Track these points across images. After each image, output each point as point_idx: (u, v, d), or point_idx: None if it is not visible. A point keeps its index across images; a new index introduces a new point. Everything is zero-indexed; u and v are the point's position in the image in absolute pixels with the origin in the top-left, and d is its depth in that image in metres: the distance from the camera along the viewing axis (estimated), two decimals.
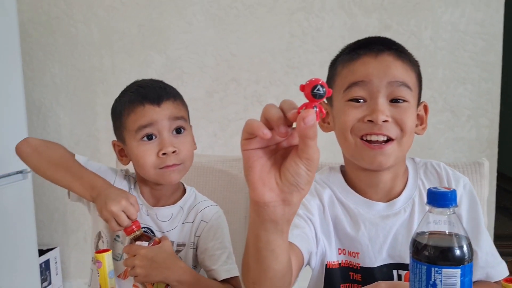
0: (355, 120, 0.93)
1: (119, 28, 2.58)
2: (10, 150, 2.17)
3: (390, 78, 0.91)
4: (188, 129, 1.13)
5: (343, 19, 2.39)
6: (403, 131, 0.92)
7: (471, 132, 2.39)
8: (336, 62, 1.01)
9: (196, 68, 2.52)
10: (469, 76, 2.36)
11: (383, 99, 0.91)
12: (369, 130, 0.91)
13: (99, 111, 2.65)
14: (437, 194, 0.64)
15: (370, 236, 0.97)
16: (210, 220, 1.15)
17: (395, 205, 0.99)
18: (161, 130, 1.07)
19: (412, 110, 0.95)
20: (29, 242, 2.28)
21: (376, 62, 0.93)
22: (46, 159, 1.14)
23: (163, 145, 1.06)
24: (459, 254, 0.62)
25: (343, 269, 0.99)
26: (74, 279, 2.82)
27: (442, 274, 0.62)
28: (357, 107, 0.92)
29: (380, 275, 0.96)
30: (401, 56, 0.95)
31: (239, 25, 2.48)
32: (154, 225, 1.13)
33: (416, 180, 1.02)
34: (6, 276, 2.17)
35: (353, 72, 0.94)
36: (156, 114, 1.07)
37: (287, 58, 2.46)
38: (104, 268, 0.93)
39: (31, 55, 2.68)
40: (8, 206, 2.18)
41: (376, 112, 0.89)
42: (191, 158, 1.13)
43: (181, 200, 1.17)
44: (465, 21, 2.32)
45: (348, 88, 0.94)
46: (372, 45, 0.96)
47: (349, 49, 0.99)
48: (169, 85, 1.15)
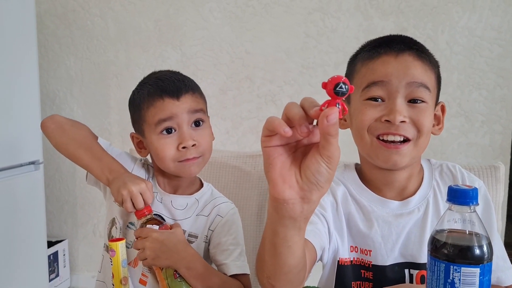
0: (372, 120, 0.92)
1: (135, 23, 2.59)
2: (24, 140, 2.20)
3: (409, 79, 0.91)
4: (207, 121, 1.14)
5: (359, 21, 2.38)
6: (419, 132, 0.92)
7: (485, 138, 2.37)
8: (356, 59, 1.01)
9: (211, 65, 2.53)
10: (484, 82, 2.34)
11: (401, 99, 0.91)
12: (386, 130, 0.91)
13: (113, 105, 2.67)
14: (458, 191, 0.63)
15: (383, 234, 0.97)
16: (226, 215, 1.15)
17: (409, 204, 0.98)
18: (180, 124, 1.07)
19: (430, 111, 0.94)
20: (39, 233, 2.30)
21: (396, 62, 0.92)
22: (70, 137, 1.15)
23: (182, 138, 1.06)
24: (479, 253, 0.62)
25: (354, 266, 0.98)
26: (82, 272, 2.83)
27: (461, 272, 0.62)
28: (375, 107, 0.92)
29: (391, 274, 0.96)
30: (422, 57, 0.94)
31: (255, 23, 2.48)
32: (167, 213, 1.13)
33: (431, 180, 1.01)
34: (15, 266, 2.18)
35: (372, 71, 0.94)
36: (175, 108, 1.07)
37: (302, 58, 2.45)
38: (117, 257, 0.93)
39: (47, 47, 2.70)
40: (19, 196, 2.20)
41: (393, 113, 0.89)
42: (210, 149, 1.13)
43: (197, 192, 1.17)
44: (482, 26, 2.31)
45: (366, 87, 0.93)
46: (392, 44, 0.95)
47: (370, 47, 0.98)
48: (187, 77, 1.15)
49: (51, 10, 2.67)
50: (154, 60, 2.59)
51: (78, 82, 2.71)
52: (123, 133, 2.67)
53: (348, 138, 1.03)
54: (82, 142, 1.14)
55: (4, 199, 2.11)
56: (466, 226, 0.63)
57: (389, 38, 0.99)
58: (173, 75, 1.14)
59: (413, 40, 0.99)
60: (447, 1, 2.32)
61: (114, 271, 0.93)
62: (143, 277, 1.12)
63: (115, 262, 0.92)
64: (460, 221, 0.64)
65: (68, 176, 2.77)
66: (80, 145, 1.13)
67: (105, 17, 2.62)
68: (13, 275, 2.16)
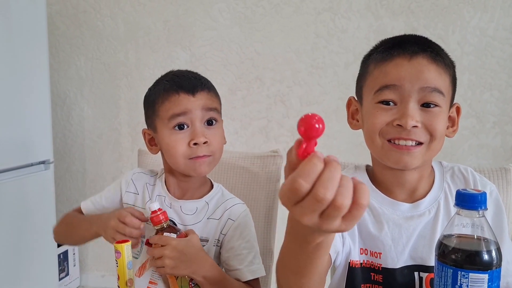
0: (384, 124, 0.91)
1: (145, 24, 2.60)
2: (34, 140, 2.21)
3: (423, 84, 0.89)
4: (220, 122, 1.14)
5: (369, 21, 2.36)
6: (432, 136, 0.91)
7: (496, 139, 2.34)
8: (369, 59, 0.99)
9: (220, 65, 2.53)
10: (496, 82, 2.31)
11: (413, 103, 0.89)
12: (397, 135, 0.90)
13: (122, 105, 2.68)
14: (466, 195, 0.62)
15: (393, 237, 0.96)
16: (238, 218, 1.13)
17: (419, 207, 0.97)
18: (193, 120, 1.07)
19: (444, 114, 0.93)
20: (49, 232, 2.31)
21: (409, 65, 0.90)
22: (66, 235, 1.25)
23: (195, 135, 1.06)
24: (487, 258, 0.61)
25: (364, 269, 0.98)
26: (91, 271, 2.85)
27: (469, 278, 0.61)
28: (386, 110, 0.91)
29: (401, 277, 0.95)
30: (436, 59, 0.92)
31: (265, 24, 2.47)
32: (177, 218, 1.12)
33: (442, 182, 1.00)
34: (25, 265, 2.20)
35: (385, 74, 0.92)
36: (190, 104, 1.07)
37: (311, 58, 2.44)
38: (123, 259, 0.92)
39: (58, 47, 2.72)
40: (29, 195, 2.21)
41: (405, 117, 0.88)
42: (221, 151, 1.13)
43: (207, 195, 1.16)
44: (493, 26, 2.28)
45: (379, 90, 0.92)
46: (406, 45, 0.93)
47: (383, 48, 0.96)
48: (204, 77, 1.15)
49: (62, 11, 2.69)
50: (163, 60, 2.59)
51: (88, 82, 2.72)
52: (133, 133, 2.68)
53: (357, 139, 1.02)
54: (69, 229, 1.22)
55: (15, 199, 2.13)
56: (474, 231, 0.62)
57: (403, 38, 0.97)
58: (190, 73, 1.15)
59: (428, 40, 0.96)
60: (458, 1, 2.29)
61: (119, 272, 0.93)
62: (152, 285, 1.11)
63: (120, 264, 0.92)
64: (468, 226, 0.63)
65: (78, 176, 2.79)
66: (71, 231, 1.22)
67: (115, 18, 2.63)
68: (23, 274, 2.18)
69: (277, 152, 1.41)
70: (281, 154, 1.41)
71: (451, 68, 0.96)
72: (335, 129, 2.39)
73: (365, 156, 1.06)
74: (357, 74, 1.03)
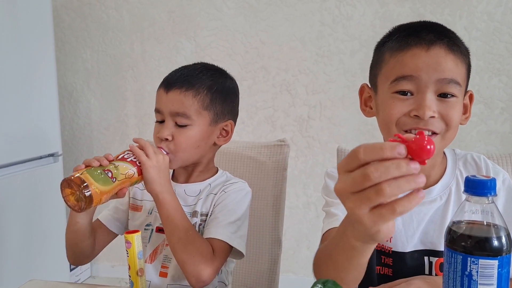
0: (401, 114, 0.91)
1: (149, 15, 2.59)
2: (43, 133, 2.22)
3: (440, 75, 0.88)
4: (194, 126, 1.11)
5: (375, 8, 2.34)
6: (448, 126, 0.91)
7: (505, 125, 2.33)
8: (384, 47, 0.97)
9: (225, 55, 2.52)
10: (504, 68, 2.29)
11: (431, 94, 0.89)
12: (415, 125, 0.90)
13: (129, 96, 2.68)
14: (476, 182, 0.62)
15: (404, 221, 0.97)
16: (230, 191, 1.14)
17: (431, 193, 0.98)
18: (165, 117, 1.11)
19: (459, 104, 0.92)
20: (59, 224, 2.33)
21: (427, 56, 0.89)
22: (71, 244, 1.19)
23: (159, 129, 1.12)
24: (497, 244, 0.61)
25: (375, 251, 0.99)
26: (101, 262, 2.87)
27: (479, 264, 0.60)
28: (403, 100, 0.90)
29: (411, 260, 0.96)
30: (453, 49, 0.90)
31: (269, 12, 2.46)
32: (182, 201, 1.13)
33: (454, 170, 1.01)
34: (36, 257, 2.23)
35: (402, 64, 0.91)
36: (163, 101, 1.12)
37: (317, 46, 2.43)
38: (133, 249, 0.93)
39: (64, 40, 2.72)
40: (39, 188, 2.23)
41: (423, 108, 0.87)
42: (186, 152, 1.12)
43: (211, 178, 1.19)
44: (501, 10, 2.25)
45: (395, 80, 0.91)
46: (423, 34, 0.91)
47: (399, 36, 0.94)
48: (202, 75, 1.15)
49: (67, 4, 2.69)
50: (169, 51, 2.59)
51: (94, 74, 2.73)
52: (140, 124, 2.69)
53: (364, 127, 1.01)
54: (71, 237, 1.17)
55: (25, 191, 2.15)
56: (484, 217, 0.62)
57: (420, 26, 0.95)
58: (192, 69, 1.17)
59: (444, 28, 0.95)
60: None
61: (130, 262, 0.93)
62: (163, 269, 1.13)
63: (131, 254, 0.93)
64: (478, 212, 0.62)
65: None
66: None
67: (120, 10, 2.63)
68: (34, 265, 2.21)
69: (284, 141, 1.41)
70: (288, 143, 1.41)
71: (467, 56, 0.95)
72: (341, 117, 2.38)
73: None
74: (371, 61, 1.02)
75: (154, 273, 1.13)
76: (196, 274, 1.01)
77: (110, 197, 0.98)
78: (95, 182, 0.94)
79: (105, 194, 0.95)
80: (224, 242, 1.06)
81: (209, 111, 1.13)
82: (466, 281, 0.61)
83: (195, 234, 1.04)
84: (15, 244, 2.11)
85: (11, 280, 2.01)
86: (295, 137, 2.50)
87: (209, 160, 1.20)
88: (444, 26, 0.95)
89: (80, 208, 0.95)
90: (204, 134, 1.13)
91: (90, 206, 0.95)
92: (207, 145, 1.15)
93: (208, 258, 1.02)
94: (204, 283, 1.02)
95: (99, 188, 0.94)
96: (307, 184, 2.53)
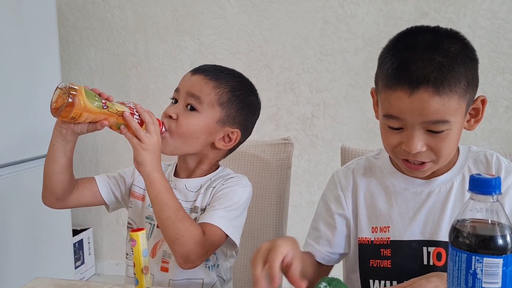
0: (394, 146, 0.93)
1: (153, 13, 2.60)
2: (47, 132, 2.22)
3: (425, 118, 0.87)
4: (201, 113, 1.11)
5: (379, 6, 2.34)
6: (437, 156, 0.91)
7: (509, 124, 2.32)
8: (380, 69, 0.94)
9: (229, 54, 2.52)
10: (509, 66, 2.28)
11: (419, 131, 0.89)
12: (406, 156, 0.93)
13: (133, 95, 2.68)
14: (480, 180, 0.62)
15: (400, 211, 1.00)
16: (227, 182, 1.14)
17: (431, 184, 0.99)
18: (180, 98, 1.14)
19: (452, 133, 0.91)
20: (64, 222, 2.34)
21: (410, 102, 0.86)
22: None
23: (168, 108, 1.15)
24: (502, 243, 0.61)
25: (374, 246, 1.01)
26: (106, 259, 2.89)
27: (484, 263, 0.61)
28: (395, 133, 0.92)
29: (409, 249, 0.97)
30: (439, 90, 0.85)
31: (273, 11, 2.46)
32: (183, 196, 1.14)
33: (463, 166, 1.01)
34: (42, 254, 2.24)
35: (389, 103, 0.90)
36: (183, 81, 1.16)
37: (320, 45, 2.43)
38: (138, 247, 0.93)
39: (68, 39, 2.73)
40: None
41: (409, 145, 0.89)
42: (182, 136, 1.11)
43: (211, 173, 1.18)
44: (506, 8, 2.25)
45: (385, 115, 0.92)
46: (412, 68, 0.86)
47: (391, 63, 0.90)
48: (232, 77, 1.19)
49: (71, 3, 2.70)
50: (172, 50, 2.59)
51: (98, 73, 2.73)
52: None
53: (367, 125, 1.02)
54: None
55: (31, 189, 2.15)
56: (488, 216, 0.62)
57: (410, 60, 0.87)
58: (229, 68, 1.23)
59: (439, 60, 0.86)
60: None
61: (135, 260, 0.94)
62: (164, 264, 1.13)
63: (136, 252, 0.93)
64: (482, 211, 0.62)
65: (91, 166, 2.81)
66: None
67: (124, 8, 2.63)
68: (40, 262, 2.22)
69: (288, 139, 1.41)
70: (292, 141, 1.42)
71: (463, 81, 0.88)
72: (345, 115, 2.38)
73: (375, 143, 1.07)
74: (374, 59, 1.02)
75: (156, 268, 1.14)
76: (185, 254, 1.01)
77: (90, 119, 1.00)
78: (86, 97, 0.96)
79: (87, 112, 0.97)
80: (216, 226, 1.05)
81: (222, 108, 1.13)
82: (471, 280, 0.61)
83: (185, 215, 1.04)
84: (20, 243, 2.12)
85: (17, 278, 2.02)
86: (298, 135, 2.50)
87: (212, 161, 1.19)
88: (441, 54, 0.87)
89: (58, 111, 0.98)
90: (207, 128, 1.12)
91: (68, 115, 0.97)
92: (206, 141, 1.13)
93: (198, 239, 1.01)
94: (192, 263, 1.02)
95: (85, 103, 0.96)
96: (310, 183, 2.53)
